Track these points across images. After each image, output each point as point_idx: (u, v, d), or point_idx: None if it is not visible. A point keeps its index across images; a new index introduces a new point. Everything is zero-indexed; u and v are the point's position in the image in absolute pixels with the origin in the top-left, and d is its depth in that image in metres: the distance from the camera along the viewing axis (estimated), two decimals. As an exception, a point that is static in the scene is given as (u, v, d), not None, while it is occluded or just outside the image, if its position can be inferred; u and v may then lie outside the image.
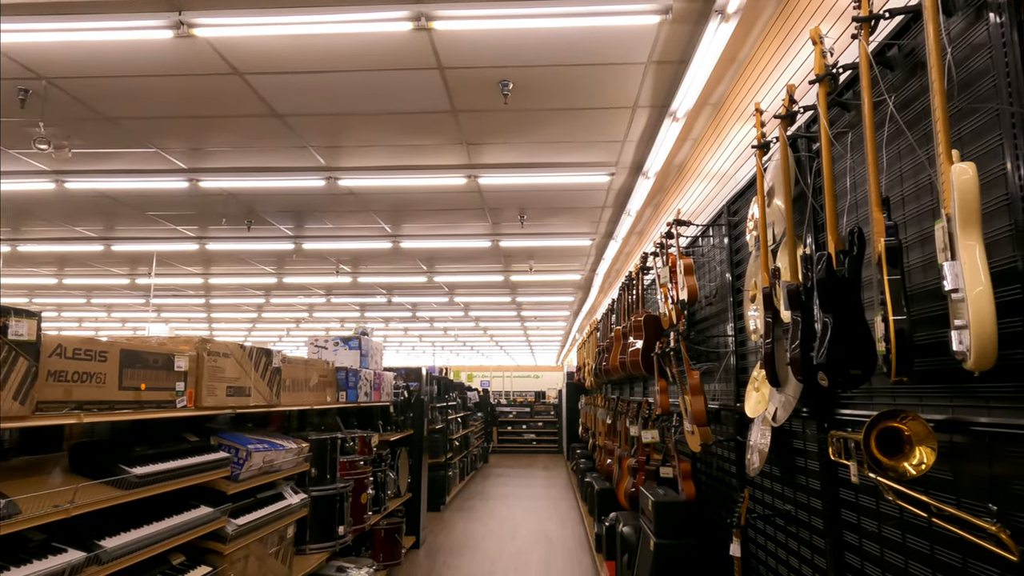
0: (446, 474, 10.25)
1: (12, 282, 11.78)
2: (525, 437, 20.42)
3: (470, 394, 16.36)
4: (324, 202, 6.90)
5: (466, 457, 13.20)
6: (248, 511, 3.71)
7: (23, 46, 3.79)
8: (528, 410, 20.78)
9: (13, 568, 2.11)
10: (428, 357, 30.24)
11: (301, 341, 24.10)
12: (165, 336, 3.30)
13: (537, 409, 20.81)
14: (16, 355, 2.08)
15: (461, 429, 12.96)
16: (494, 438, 20.20)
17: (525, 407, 20.93)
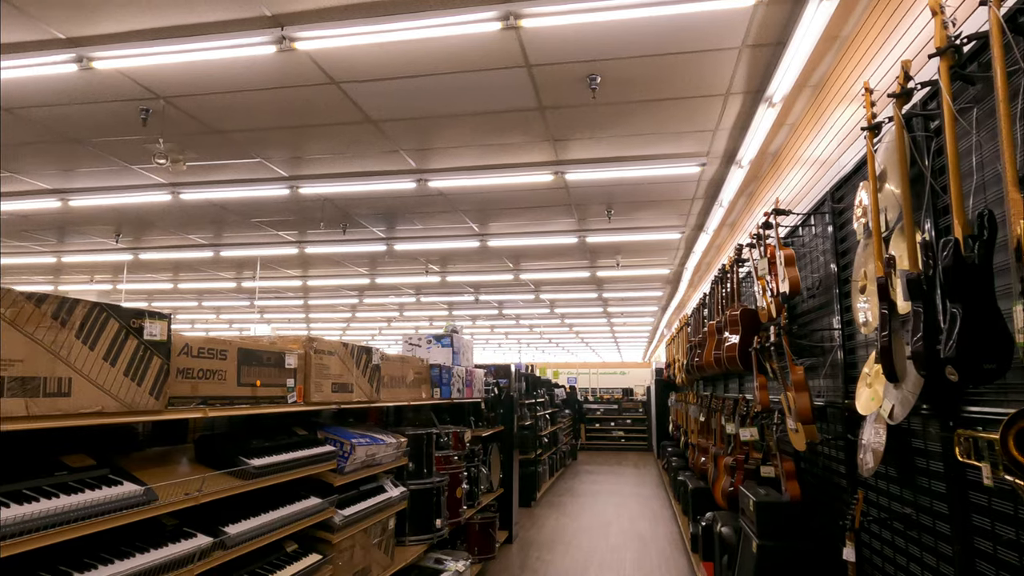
0: (536, 470, 10.30)
1: (134, 287, 12.79)
2: (613, 434, 20.23)
3: (557, 391, 16.37)
4: (414, 204, 7.09)
5: (555, 454, 13.22)
6: (353, 503, 3.87)
7: (145, 69, 4.10)
8: (616, 407, 20.57)
9: (152, 550, 2.29)
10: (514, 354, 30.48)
11: (392, 339, 24.87)
12: (275, 335, 3.49)
13: (625, 406, 20.56)
14: (151, 354, 2.25)
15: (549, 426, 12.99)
16: (582, 435, 20.12)
17: (613, 404, 20.73)
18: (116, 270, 11.17)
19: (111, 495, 2.10)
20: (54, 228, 8.34)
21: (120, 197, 6.79)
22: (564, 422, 15.52)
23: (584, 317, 17.63)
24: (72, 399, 1.94)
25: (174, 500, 2.39)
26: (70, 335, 1.94)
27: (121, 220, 7.86)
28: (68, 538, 1.91)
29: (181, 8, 3.48)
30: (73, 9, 3.50)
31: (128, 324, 2.17)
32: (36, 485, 1.95)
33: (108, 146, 5.47)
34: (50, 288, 12.67)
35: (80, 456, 2.24)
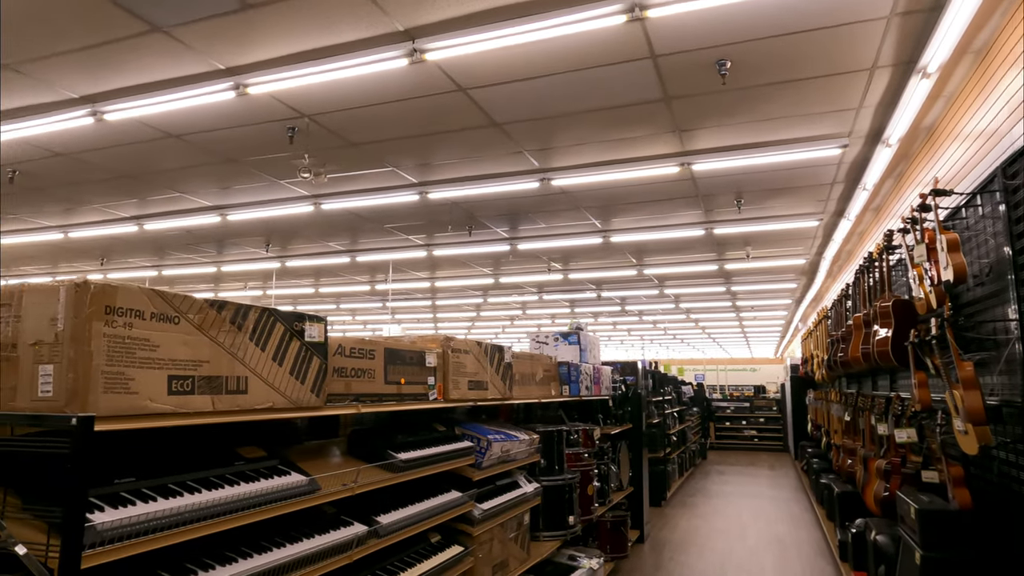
0: (665, 469, 10.08)
1: (281, 293, 13.88)
2: (745, 434, 19.37)
3: (684, 388, 15.92)
4: (537, 203, 7.16)
5: (684, 453, 12.87)
6: (490, 497, 3.96)
7: (291, 91, 4.44)
8: (747, 405, 19.68)
9: (317, 536, 2.47)
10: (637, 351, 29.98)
11: (514, 337, 25.27)
12: (415, 336, 3.65)
13: (757, 404, 19.63)
14: (311, 354, 2.43)
15: (677, 424, 12.67)
16: (711, 434, 19.44)
17: (744, 402, 19.85)
18: (266, 277, 12.17)
19: (281, 484, 2.29)
20: (214, 241, 9.22)
21: (270, 210, 7.39)
22: (692, 420, 15.07)
23: (711, 312, 17.01)
24: (248, 396, 2.13)
25: (334, 490, 2.56)
26: (245, 338, 2.14)
27: (270, 231, 8.55)
28: (247, 523, 2.10)
29: (323, 31, 3.73)
30: (232, 41, 3.85)
31: (292, 327, 2.35)
32: (220, 473, 2.16)
33: (260, 164, 5.98)
34: (210, 296, 14.04)
35: (253, 448, 2.46)
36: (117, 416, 1.68)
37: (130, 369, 1.74)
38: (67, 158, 5.83)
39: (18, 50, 4.00)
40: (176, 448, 2.17)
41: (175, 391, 1.87)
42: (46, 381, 1.64)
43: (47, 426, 1.56)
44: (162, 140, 5.41)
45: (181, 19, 3.62)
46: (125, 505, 1.74)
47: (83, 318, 1.64)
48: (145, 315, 1.80)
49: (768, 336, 24.05)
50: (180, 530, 1.85)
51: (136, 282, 1.84)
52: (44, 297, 1.68)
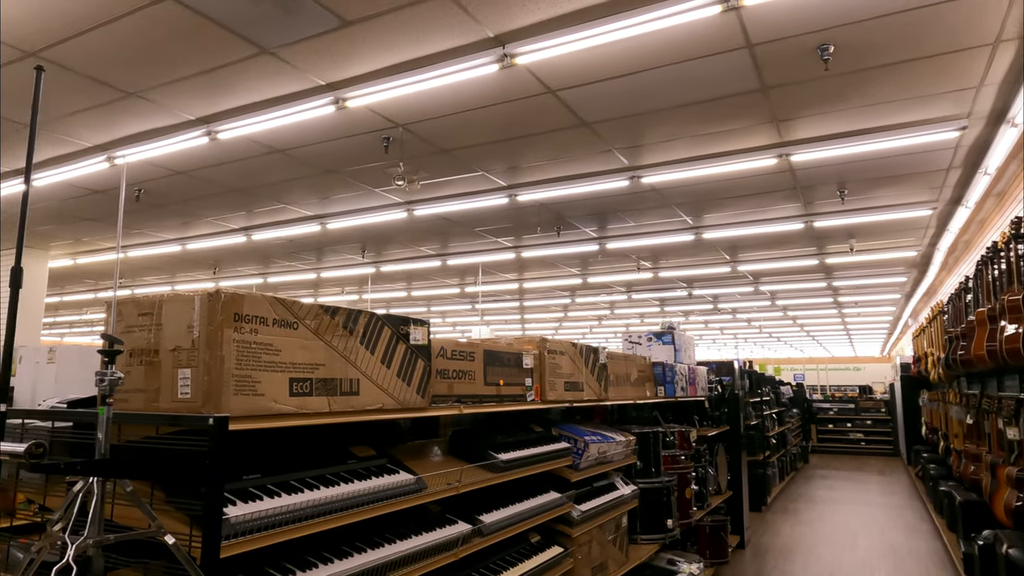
0: (765, 473, 9.70)
1: (375, 297, 14.38)
2: (851, 437, 18.33)
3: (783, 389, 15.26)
4: (626, 201, 7.07)
5: (784, 456, 12.34)
6: (587, 499, 3.95)
7: (386, 102, 4.60)
8: (852, 406, 18.62)
9: (425, 533, 2.54)
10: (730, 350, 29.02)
11: (603, 337, 25.06)
12: (511, 337, 3.69)
13: (863, 405, 18.53)
14: (416, 357, 2.51)
15: (776, 426, 12.16)
16: (812, 436, 18.52)
17: (848, 403, 18.79)
18: (361, 282, 12.65)
19: (391, 483, 2.37)
20: (314, 248, 9.68)
21: (365, 218, 7.68)
22: (792, 422, 14.42)
23: (810, 309, 16.23)
24: (360, 397, 2.23)
25: (439, 489, 2.63)
26: (356, 342, 2.23)
27: (366, 238, 8.88)
28: (361, 519, 2.19)
29: (416, 43, 3.84)
30: (331, 58, 4.03)
31: (398, 330, 2.43)
32: (335, 471, 2.27)
33: (356, 174, 6.22)
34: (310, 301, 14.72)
35: (364, 447, 2.56)
36: (247, 416, 1.79)
37: (256, 372, 1.85)
38: (184, 176, 6.28)
39: (144, 79, 4.35)
40: (294, 446, 2.29)
41: (296, 393, 1.97)
42: (184, 384, 1.77)
43: (187, 426, 1.69)
44: (268, 155, 5.74)
45: (286, 40, 3.83)
46: (253, 500, 1.85)
47: (216, 325, 1.76)
48: (268, 321, 1.91)
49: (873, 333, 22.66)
50: (302, 525, 1.95)
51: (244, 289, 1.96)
52: (181, 306, 1.82)
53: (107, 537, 1.40)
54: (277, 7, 3.49)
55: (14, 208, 7.40)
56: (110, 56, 4.04)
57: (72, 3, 3.49)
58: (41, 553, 1.42)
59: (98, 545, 1.36)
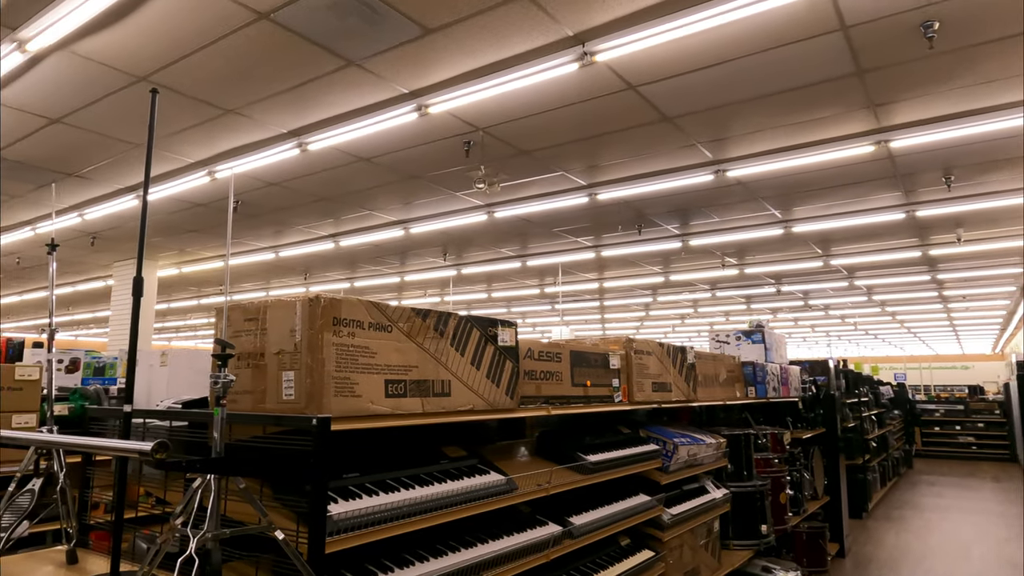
0: (865, 478, 9.19)
1: (457, 299, 14.62)
2: (960, 440, 17.09)
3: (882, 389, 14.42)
4: (710, 196, 6.87)
5: (886, 460, 11.64)
6: (677, 502, 3.86)
7: (467, 107, 4.66)
8: (961, 408, 17.35)
9: (516, 534, 2.55)
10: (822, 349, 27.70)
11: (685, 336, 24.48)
12: (596, 337, 3.66)
13: (973, 407, 17.24)
14: (504, 358, 2.52)
15: (876, 428, 11.49)
16: (916, 440, 17.40)
17: (956, 404, 17.53)
18: (443, 284, 12.89)
19: (482, 483, 2.39)
20: (397, 253, 9.94)
21: (447, 221, 7.82)
22: (893, 424, 13.59)
23: (912, 304, 15.26)
24: (452, 398, 2.26)
25: (529, 490, 2.63)
26: (446, 344, 2.26)
27: (447, 241, 9.04)
28: (453, 519, 2.22)
29: (496, 47, 3.87)
30: (414, 66, 4.13)
31: (486, 332, 2.46)
32: (429, 471, 2.31)
33: (438, 178, 6.35)
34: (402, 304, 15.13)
35: (455, 447, 2.60)
36: (346, 417, 1.85)
37: (354, 374, 1.91)
38: (278, 187, 6.59)
39: (241, 96, 4.59)
40: (388, 446, 2.35)
41: (391, 394, 2.02)
42: (288, 386, 1.85)
43: (292, 426, 1.76)
44: (354, 164, 5.94)
45: (371, 51, 3.95)
46: (353, 498, 1.91)
47: (316, 329, 1.83)
48: (364, 325, 1.97)
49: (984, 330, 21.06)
50: (400, 523, 2.00)
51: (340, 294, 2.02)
52: (284, 311, 1.91)
53: (223, 531, 1.48)
54: (363, 20, 3.60)
55: (126, 223, 7.98)
56: (211, 76, 4.30)
57: (178, 29, 3.73)
58: (165, 544, 1.52)
59: (216, 539, 1.44)
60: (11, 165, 5.99)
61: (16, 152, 5.67)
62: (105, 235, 8.64)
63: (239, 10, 3.54)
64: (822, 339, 25.37)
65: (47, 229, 8.25)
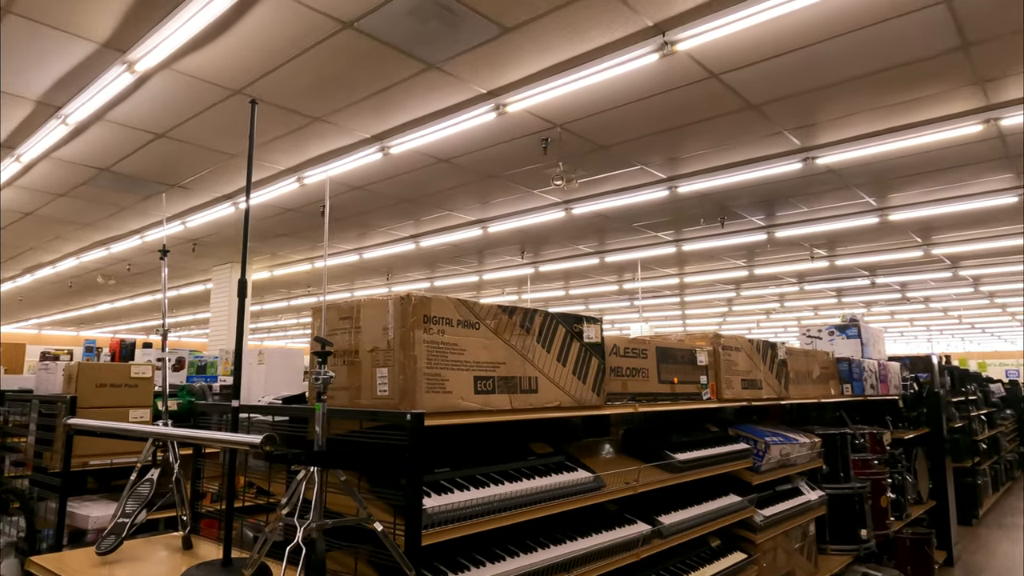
0: (974, 482, 8.58)
1: (534, 296, 14.66)
2: (1085, 442, 15.64)
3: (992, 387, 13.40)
4: (798, 186, 6.59)
5: (997, 463, 10.82)
6: (770, 503, 3.72)
7: (544, 104, 4.66)
8: (1085, 407, 15.89)
9: (604, 532, 2.53)
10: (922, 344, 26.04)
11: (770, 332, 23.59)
12: (682, 333, 3.58)
13: (1099, 406, 15.74)
14: (590, 355, 2.50)
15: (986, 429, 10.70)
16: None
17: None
18: (520, 283, 12.95)
19: (570, 480, 2.38)
20: (475, 252, 10.06)
21: (524, 219, 7.85)
22: (1006, 425, 12.62)
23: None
24: (539, 395, 2.26)
25: (617, 488, 2.60)
26: (533, 340, 2.27)
27: (524, 239, 9.08)
28: (541, 515, 2.22)
29: (574, 42, 3.85)
30: (492, 66, 4.16)
31: (571, 328, 2.44)
32: (517, 467, 2.32)
33: (516, 177, 6.38)
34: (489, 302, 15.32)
35: (542, 444, 2.60)
36: (437, 412, 1.89)
37: (444, 371, 1.94)
38: (361, 191, 6.80)
39: (326, 104, 4.77)
40: (476, 442, 2.38)
41: (480, 391, 2.05)
42: (382, 382, 1.91)
43: (387, 421, 1.81)
44: (433, 165, 6.05)
45: (450, 53, 4.01)
46: (444, 493, 1.95)
47: (408, 327, 1.88)
48: (453, 322, 2.00)
49: (1111, 321, 19.22)
50: (490, 518, 2.02)
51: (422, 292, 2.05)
52: (376, 310, 1.96)
53: (326, 522, 1.54)
54: (442, 23, 3.66)
55: (223, 229, 8.45)
56: (299, 86, 4.48)
57: (269, 43, 3.91)
58: (272, 534, 1.59)
59: (319, 529, 1.50)
60: (121, 178, 6.45)
61: (125, 166, 6.10)
62: (205, 241, 9.18)
63: (325, 21, 3.68)
64: (922, 333, 23.84)
65: (153, 237, 8.84)
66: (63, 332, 22.85)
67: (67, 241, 9.27)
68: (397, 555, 1.61)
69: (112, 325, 21.00)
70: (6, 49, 3.99)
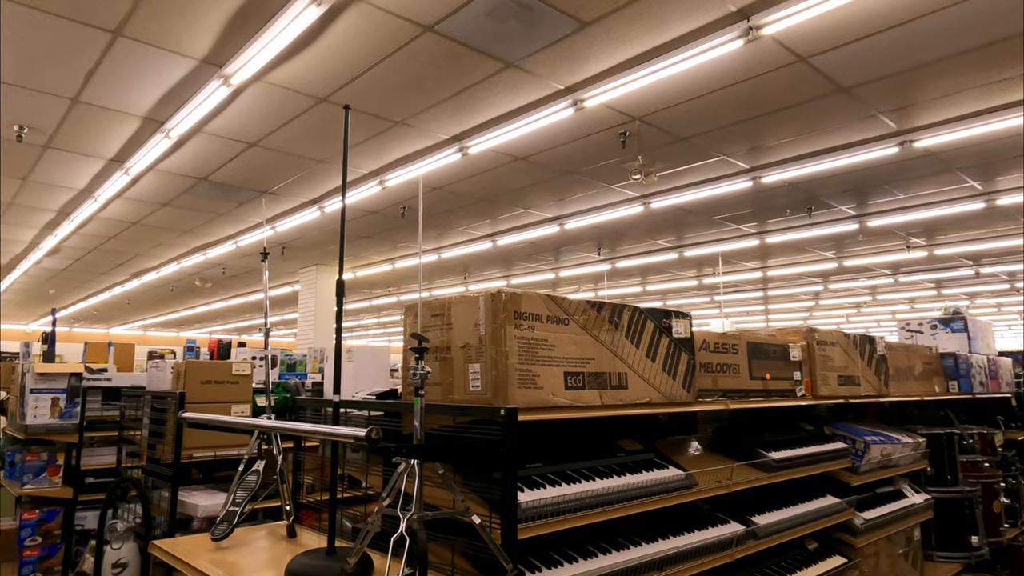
0: (1101, 488, 7.86)
1: (610, 293, 14.52)
2: None
3: (1119, 384, 12.24)
4: (893, 171, 6.23)
5: None
6: (870, 506, 3.55)
7: (622, 97, 4.60)
8: None
9: (697, 531, 2.48)
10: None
11: (860, 327, 22.42)
12: (773, 328, 3.45)
13: None
14: (679, 350, 2.46)
15: (1113, 430, 9.78)
16: None
17: None
18: (596, 279, 12.85)
19: (661, 477, 2.35)
20: (551, 249, 10.06)
21: (601, 215, 7.78)
22: None
23: None
24: (628, 391, 2.24)
25: (709, 487, 2.54)
26: (621, 336, 2.25)
27: (601, 235, 9.00)
28: (631, 513, 2.20)
29: (654, 32, 3.78)
30: (569, 61, 4.14)
31: (660, 324, 2.40)
32: (606, 464, 2.31)
33: (593, 172, 6.33)
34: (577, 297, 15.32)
35: (630, 441, 2.57)
36: (529, 408, 1.90)
37: (535, 367, 1.95)
38: (440, 191, 6.93)
39: (407, 108, 4.88)
40: (565, 438, 2.38)
41: (570, 386, 2.04)
42: (475, 378, 1.93)
43: (481, 416, 1.84)
44: (510, 164, 6.09)
45: (528, 51, 4.02)
46: (536, 488, 1.95)
47: (499, 323, 1.90)
48: (542, 318, 2.01)
49: None
50: (582, 514, 2.01)
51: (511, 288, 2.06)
52: (467, 306, 1.99)
53: (427, 513, 1.58)
54: (520, 21, 3.68)
55: (308, 233, 8.80)
56: (381, 92, 4.61)
57: (353, 51, 4.04)
58: (374, 525, 1.65)
59: (420, 520, 1.53)
60: (216, 186, 6.83)
61: (221, 175, 6.45)
62: (292, 245, 9.59)
63: (406, 26, 3.77)
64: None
65: (246, 242, 9.30)
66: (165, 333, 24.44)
67: (169, 247, 9.89)
68: (495, 548, 1.63)
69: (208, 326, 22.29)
70: (118, 70, 4.30)
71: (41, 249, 9.83)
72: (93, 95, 4.68)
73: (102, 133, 5.38)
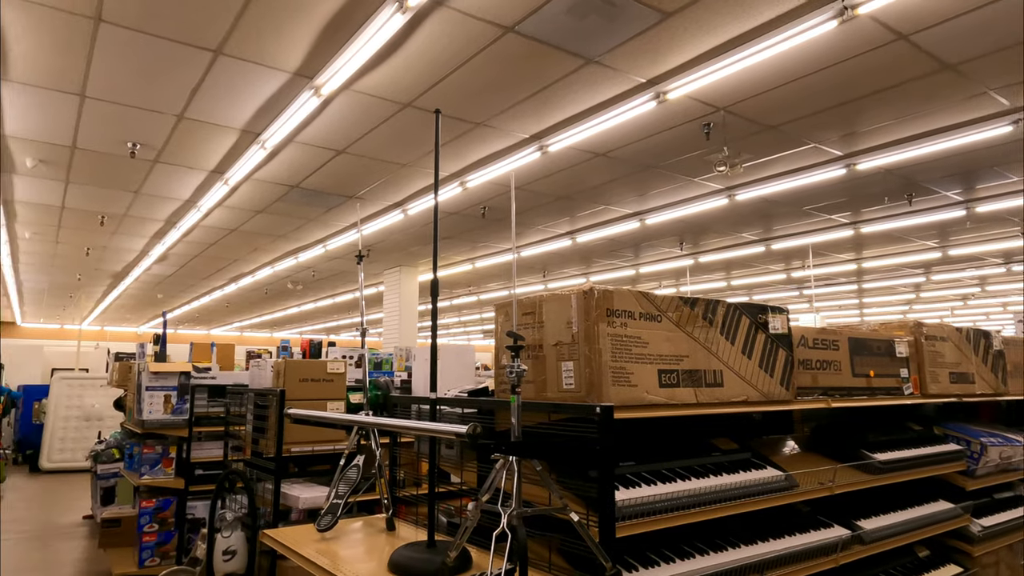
0: None
1: (693, 288, 14.17)
2: None
3: None
4: (1006, 152, 5.78)
5: None
6: (988, 512, 3.32)
7: (706, 88, 4.48)
8: None
9: (798, 534, 2.39)
10: None
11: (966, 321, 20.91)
12: (876, 322, 3.28)
13: None
14: (776, 346, 2.37)
15: None
16: None
17: None
18: (678, 275, 12.58)
19: (758, 478, 2.27)
20: (631, 245, 9.92)
21: (683, 209, 7.61)
22: None
23: None
24: (724, 389, 2.18)
25: (810, 488, 2.45)
26: (716, 332, 2.19)
27: (683, 229, 8.80)
28: (728, 514, 2.14)
29: (740, 18, 3.66)
30: (651, 54, 4.07)
31: (756, 319, 2.33)
32: (702, 463, 2.26)
33: (674, 166, 6.20)
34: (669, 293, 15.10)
35: (725, 440, 2.51)
36: (624, 406, 1.88)
37: (629, 364, 1.93)
38: (519, 190, 6.97)
39: (487, 109, 4.94)
40: (658, 436, 2.35)
41: (664, 384, 2.01)
42: (568, 375, 1.94)
43: (576, 414, 1.84)
44: (590, 160, 6.05)
45: (609, 46, 3.98)
46: (631, 486, 1.94)
47: (592, 320, 1.89)
48: (635, 315, 1.99)
49: None
50: (678, 514, 1.98)
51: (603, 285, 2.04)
52: (559, 304, 2.00)
53: (526, 509, 1.60)
54: (601, 16, 3.65)
55: (391, 235, 9.05)
56: (462, 94, 4.68)
57: (435, 56, 4.13)
58: (474, 520, 1.68)
59: (519, 516, 1.55)
60: (307, 193, 7.13)
61: (311, 182, 6.74)
62: (376, 247, 9.89)
63: (487, 28, 3.81)
64: None
65: (335, 245, 9.67)
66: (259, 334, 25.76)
67: (263, 252, 10.41)
68: (593, 546, 1.63)
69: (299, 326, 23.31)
70: (219, 86, 4.57)
71: (150, 257, 10.56)
72: (197, 111, 4.98)
73: (204, 146, 5.73)
